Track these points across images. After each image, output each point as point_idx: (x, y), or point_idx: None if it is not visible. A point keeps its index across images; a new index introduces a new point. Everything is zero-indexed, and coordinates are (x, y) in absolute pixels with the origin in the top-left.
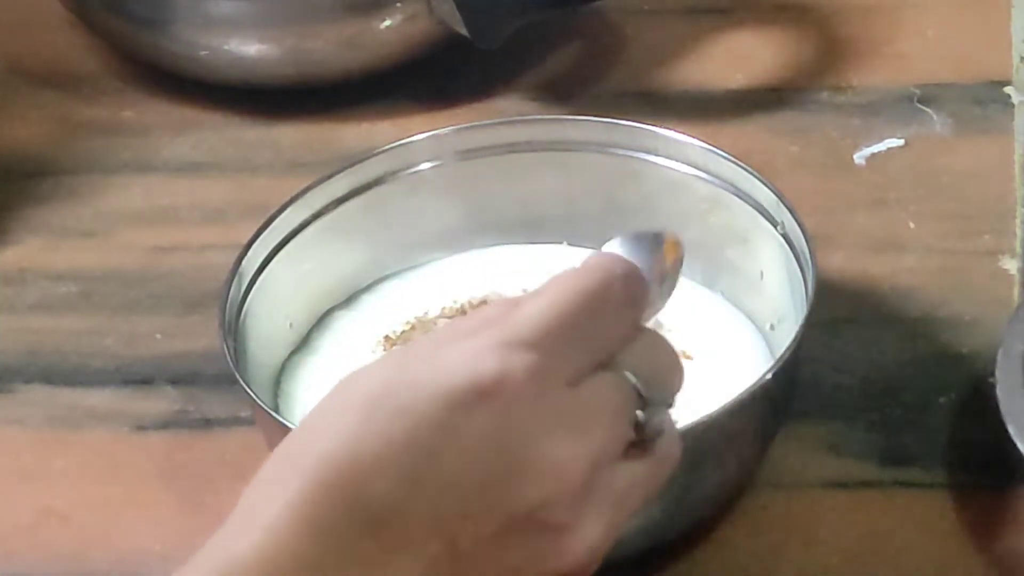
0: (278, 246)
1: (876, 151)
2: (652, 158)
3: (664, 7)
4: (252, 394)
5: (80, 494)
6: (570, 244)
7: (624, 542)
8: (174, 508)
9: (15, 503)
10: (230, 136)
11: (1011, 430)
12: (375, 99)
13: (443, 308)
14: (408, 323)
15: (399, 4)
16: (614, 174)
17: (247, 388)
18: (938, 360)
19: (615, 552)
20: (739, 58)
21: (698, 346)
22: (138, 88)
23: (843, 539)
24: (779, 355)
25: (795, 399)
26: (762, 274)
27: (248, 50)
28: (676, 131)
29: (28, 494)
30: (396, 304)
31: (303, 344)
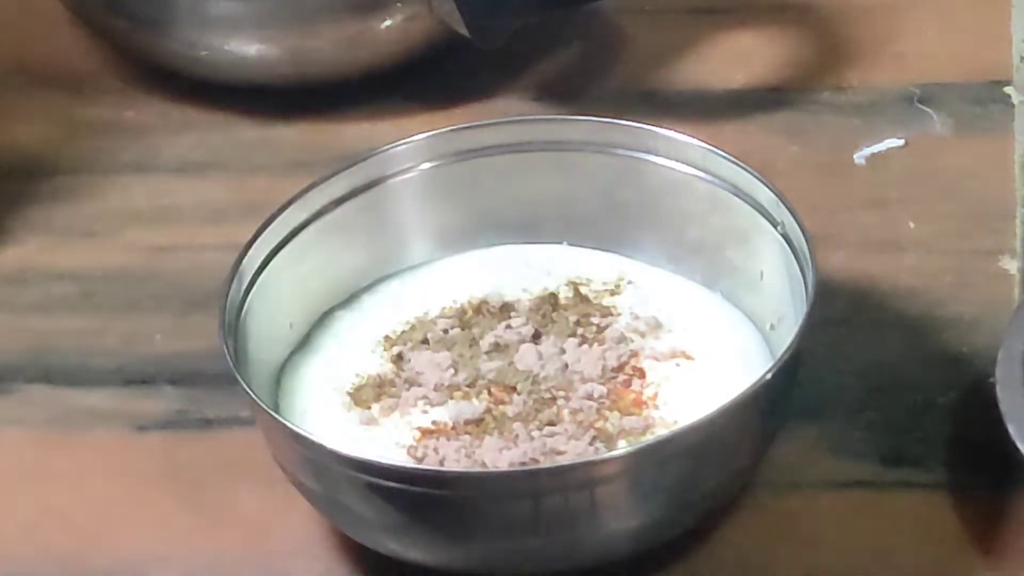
0: (278, 246)
1: (876, 151)
2: (652, 158)
3: (664, 7)
4: (252, 394)
5: (80, 494)
6: (570, 244)
7: (624, 542)
8: (174, 508)
9: (15, 503)
10: (230, 136)
11: (1011, 430)
12: (375, 99)
13: (443, 308)
14: (408, 323)
15: (399, 4)
16: (614, 174)
17: (247, 388)
18: (938, 360)
19: (615, 552)
20: (739, 58)
21: (698, 346)
22: (138, 88)
23: (843, 539)
24: (779, 355)
25: (795, 399)
26: (762, 274)
27: (248, 50)
28: (676, 131)
29: (28, 494)
30: (396, 304)
31: (303, 344)
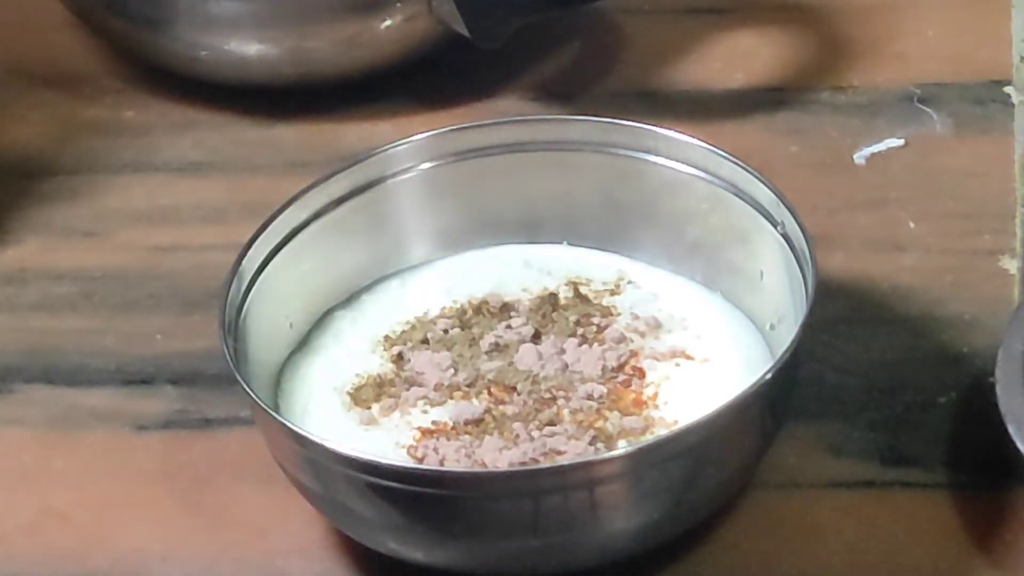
0: (278, 246)
1: (876, 151)
2: (652, 158)
3: (664, 7)
4: (252, 394)
5: (80, 494)
6: (570, 244)
7: (624, 542)
8: (174, 508)
9: (15, 503)
10: (230, 136)
11: (1011, 430)
12: (375, 99)
13: (443, 308)
14: (408, 323)
15: (399, 4)
16: (614, 174)
17: (247, 388)
18: (938, 360)
19: (615, 553)
20: (739, 58)
21: (698, 346)
22: (138, 88)
23: (843, 539)
24: (779, 355)
25: (795, 399)
26: (762, 274)
27: (248, 50)
28: (676, 131)
29: (28, 494)
30: (396, 304)
31: (303, 344)
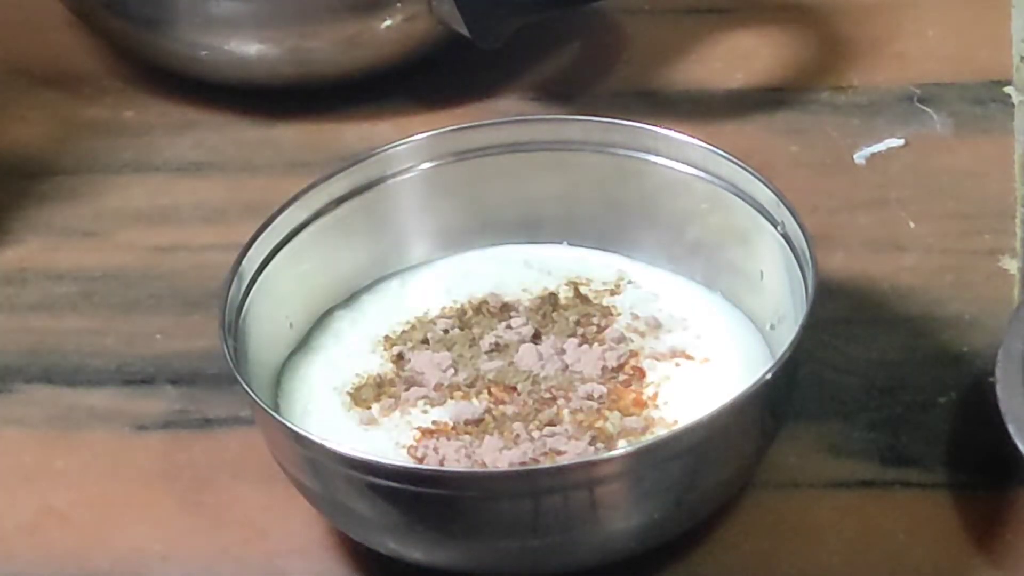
0: (278, 246)
1: (876, 151)
2: (652, 158)
3: (664, 7)
4: (252, 394)
5: (80, 494)
6: (570, 244)
7: (624, 542)
8: (174, 508)
9: (15, 503)
10: (230, 136)
11: (1011, 430)
12: (375, 99)
13: (443, 308)
14: (408, 323)
15: (399, 4)
16: (614, 174)
17: (247, 388)
18: (938, 360)
19: (615, 553)
20: (739, 58)
21: (698, 346)
22: (138, 88)
23: (843, 539)
24: (779, 355)
25: (795, 399)
26: (762, 274)
27: (248, 50)
28: (676, 131)
29: (28, 494)
30: (396, 304)
31: (303, 344)
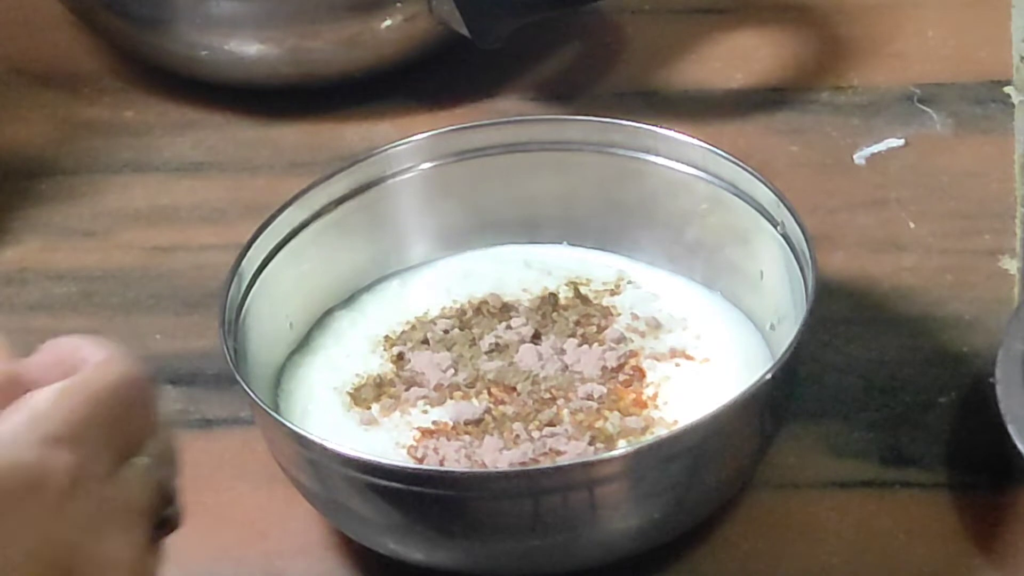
0: (278, 246)
1: (876, 151)
2: (652, 158)
3: (664, 7)
4: (252, 394)
5: None
6: (570, 244)
7: (624, 542)
8: None
9: None
10: (230, 136)
11: (1011, 430)
12: (375, 99)
13: (443, 308)
14: (408, 323)
15: (399, 4)
16: (614, 174)
17: (247, 388)
18: (938, 360)
19: (615, 552)
20: (739, 58)
21: (698, 346)
22: (138, 88)
23: (843, 539)
24: (779, 355)
25: (795, 399)
26: (762, 274)
27: (248, 50)
28: (676, 131)
29: None
30: (396, 304)
31: (303, 344)
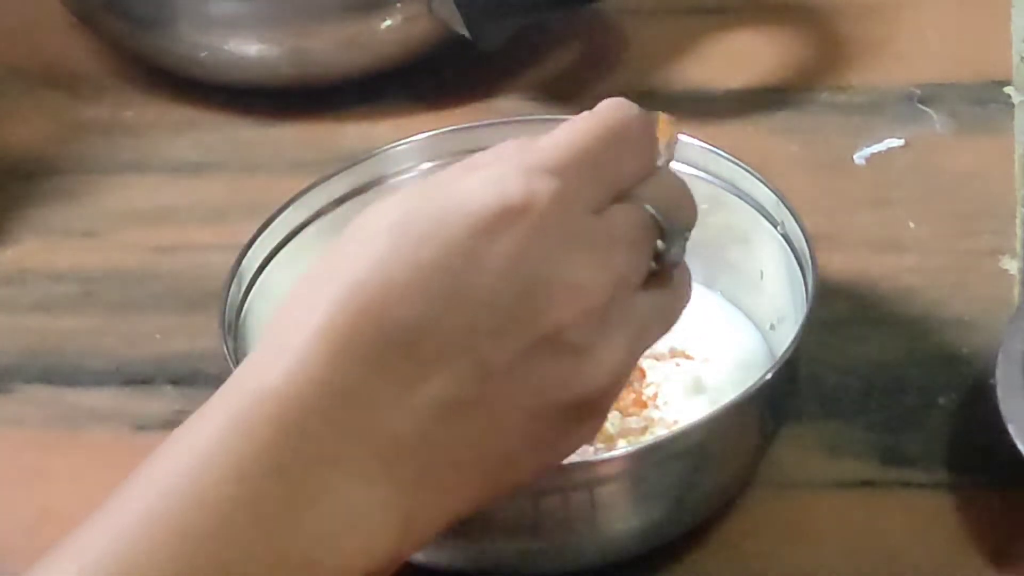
0: (278, 246)
1: (876, 151)
2: None
3: (664, 7)
4: None
5: (80, 494)
6: None
7: (624, 543)
8: None
9: (15, 503)
10: (230, 136)
11: (1011, 430)
12: (375, 99)
13: None
14: None
15: (399, 4)
16: None
17: None
18: (938, 360)
19: (615, 553)
20: (739, 58)
21: (698, 346)
22: (138, 88)
23: (843, 539)
24: (779, 355)
25: (795, 399)
26: (762, 274)
27: (248, 50)
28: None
29: (28, 494)
30: None
31: None
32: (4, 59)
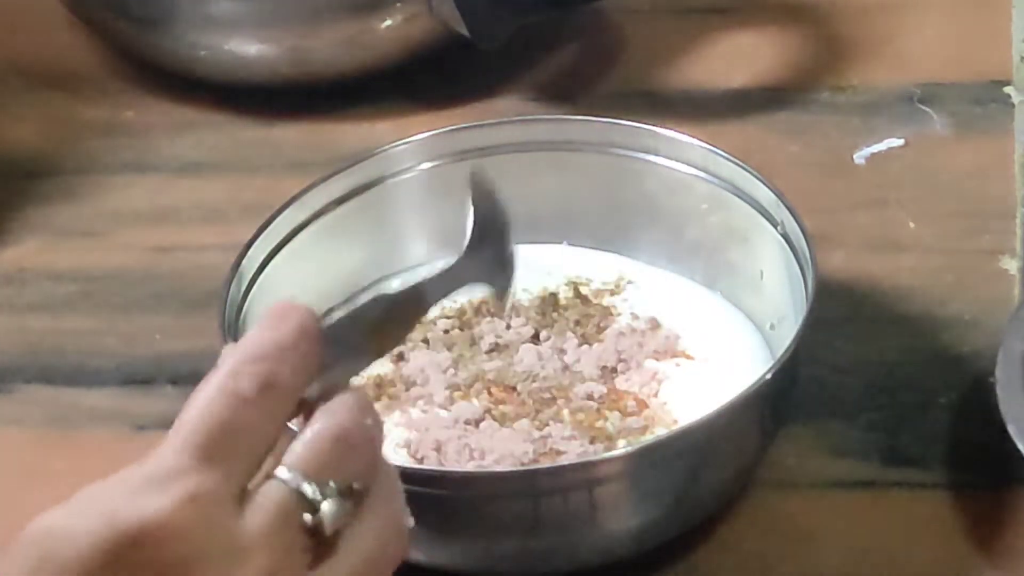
0: (278, 246)
1: (876, 151)
2: (652, 158)
3: (664, 7)
4: None
5: None
6: (570, 244)
7: (624, 542)
8: None
9: (15, 503)
10: (230, 136)
11: (1011, 430)
12: (375, 99)
13: (443, 308)
14: None
15: (399, 4)
16: (614, 174)
17: None
18: (938, 360)
19: (615, 552)
20: (739, 58)
21: (698, 346)
22: (138, 88)
23: (843, 539)
24: (779, 355)
25: (795, 399)
26: (762, 274)
27: (248, 50)
28: (676, 131)
29: (28, 494)
30: None
31: None
32: (4, 58)
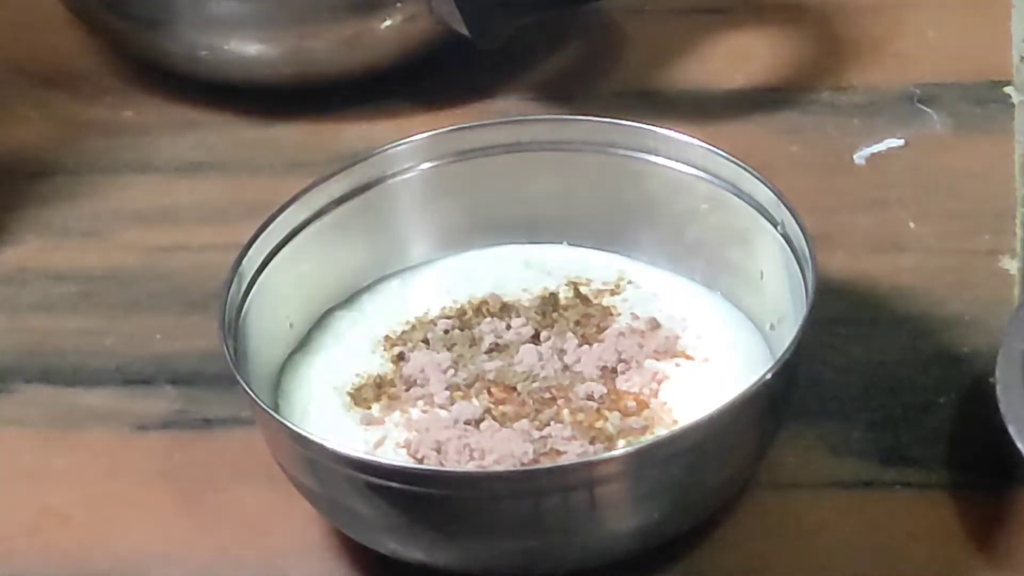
0: (278, 246)
1: (876, 151)
2: (652, 158)
3: (664, 7)
4: (252, 394)
5: (80, 494)
6: (570, 244)
7: (624, 542)
8: (174, 508)
9: (15, 503)
10: (230, 136)
11: (1011, 430)
12: (375, 99)
13: (443, 308)
14: (408, 323)
15: (399, 4)
16: (614, 174)
17: (247, 388)
18: (938, 360)
19: (615, 552)
20: (739, 58)
21: (698, 346)
22: (138, 88)
23: (843, 539)
24: (779, 355)
25: (795, 399)
26: (762, 274)
27: (248, 50)
28: (676, 131)
29: (28, 494)
30: (396, 304)
31: (303, 344)
32: (4, 59)
